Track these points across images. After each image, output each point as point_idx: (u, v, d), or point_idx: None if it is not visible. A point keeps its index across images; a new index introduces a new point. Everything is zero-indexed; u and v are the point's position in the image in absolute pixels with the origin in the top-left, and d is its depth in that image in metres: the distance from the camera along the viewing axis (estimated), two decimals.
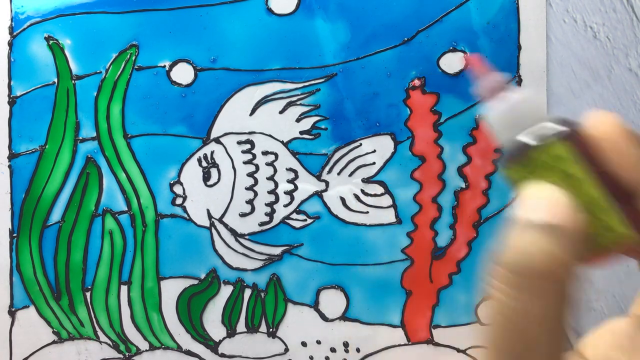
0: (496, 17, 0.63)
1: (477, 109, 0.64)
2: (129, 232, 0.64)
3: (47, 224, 0.63)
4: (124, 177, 0.63)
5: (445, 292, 0.65)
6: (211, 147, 0.63)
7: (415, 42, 0.63)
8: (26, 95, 0.63)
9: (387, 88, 0.64)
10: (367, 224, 0.64)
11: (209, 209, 0.64)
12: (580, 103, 0.65)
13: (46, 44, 0.63)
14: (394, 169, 0.64)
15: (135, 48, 0.63)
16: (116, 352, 0.65)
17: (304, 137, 0.64)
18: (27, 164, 0.63)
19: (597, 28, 0.65)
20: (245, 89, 0.63)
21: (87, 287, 0.64)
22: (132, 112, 0.63)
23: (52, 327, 0.64)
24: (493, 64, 0.61)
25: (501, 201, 0.64)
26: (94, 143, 0.63)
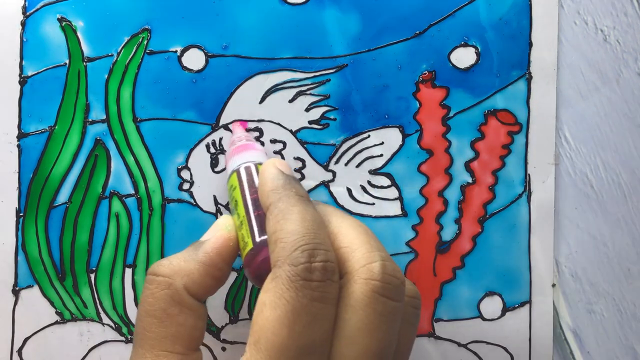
0: (508, 14, 0.64)
1: (486, 105, 0.64)
2: (135, 215, 0.64)
3: (54, 204, 0.64)
4: (132, 160, 0.63)
5: (448, 286, 0.65)
6: (220, 134, 0.63)
7: (427, 36, 0.64)
8: (37, 75, 0.63)
9: (397, 81, 0.64)
10: (373, 215, 0.65)
11: (215, 195, 0.64)
12: (587, 105, 0.65)
13: (59, 25, 0.63)
14: (402, 162, 0.64)
15: (148, 32, 0.63)
16: (118, 335, 0.65)
17: (313, 127, 0.64)
18: (36, 144, 0.63)
19: (607, 31, 0.65)
20: (255, 77, 0.63)
21: (92, 268, 0.64)
22: (143, 96, 0.63)
23: (55, 307, 0.64)
24: (504, 59, 0.61)
25: (507, 197, 0.65)
26: (103, 125, 0.63)
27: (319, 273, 0.44)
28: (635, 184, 0.65)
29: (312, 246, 0.45)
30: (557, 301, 0.65)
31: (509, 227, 0.65)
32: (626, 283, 0.66)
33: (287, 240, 0.45)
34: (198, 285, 0.50)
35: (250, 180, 0.54)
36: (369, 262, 0.46)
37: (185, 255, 0.51)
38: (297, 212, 0.47)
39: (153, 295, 0.49)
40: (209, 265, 0.51)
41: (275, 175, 0.52)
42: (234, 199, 0.54)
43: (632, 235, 0.66)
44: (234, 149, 0.59)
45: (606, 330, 0.66)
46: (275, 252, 0.45)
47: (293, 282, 0.43)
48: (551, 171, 0.65)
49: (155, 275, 0.50)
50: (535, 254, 0.65)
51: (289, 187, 0.51)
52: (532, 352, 0.65)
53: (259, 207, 0.51)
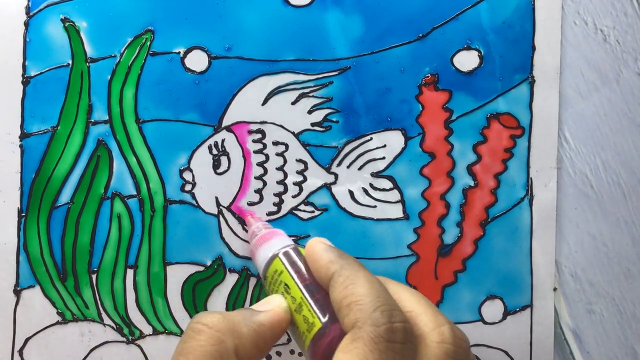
0: (511, 17, 0.64)
1: (488, 108, 0.64)
2: (137, 216, 0.64)
3: (56, 204, 0.64)
4: (134, 161, 0.63)
5: (449, 289, 0.65)
6: (222, 135, 0.63)
7: (430, 39, 0.64)
8: (40, 75, 0.63)
9: (400, 83, 0.64)
10: (375, 218, 0.65)
11: (217, 196, 0.64)
12: (587, 106, 0.65)
13: (62, 25, 0.63)
14: (404, 165, 0.64)
15: (151, 33, 0.63)
16: (119, 335, 0.65)
17: (315, 129, 0.64)
18: (39, 144, 0.63)
19: (607, 31, 0.65)
20: (258, 79, 0.63)
21: (94, 269, 0.64)
22: (145, 97, 0.63)
23: (56, 307, 0.64)
24: (507, 63, 0.61)
25: (509, 201, 0.65)
26: (105, 126, 0.63)
27: (400, 335, 0.43)
28: (635, 184, 0.65)
29: (390, 307, 0.44)
30: (557, 301, 0.66)
31: (510, 230, 0.65)
32: (626, 283, 0.66)
33: (364, 302, 0.45)
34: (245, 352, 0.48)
35: (294, 263, 0.54)
36: (438, 325, 0.46)
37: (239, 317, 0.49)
38: (364, 277, 0.47)
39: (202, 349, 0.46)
40: (259, 335, 0.49)
41: (326, 248, 0.51)
42: (282, 282, 0.53)
43: (632, 235, 0.66)
44: (261, 238, 0.59)
45: (606, 330, 0.66)
46: (351, 314, 0.45)
47: (377, 344, 0.42)
48: (553, 175, 0.65)
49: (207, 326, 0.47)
50: (536, 258, 0.65)
51: (345, 256, 0.50)
52: (533, 356, 0.65)
53: (314, 290, 0.51)
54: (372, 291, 0.45)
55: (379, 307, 0.44)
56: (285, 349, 0.65)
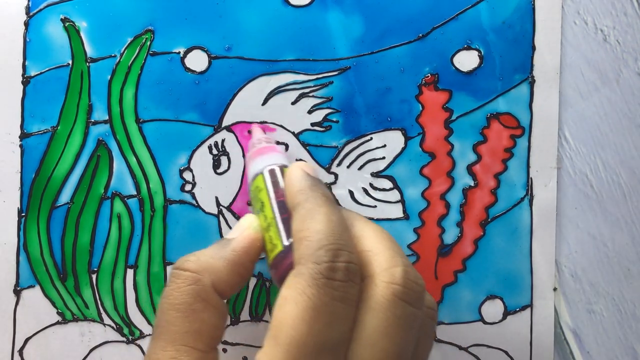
0: (511, 17, 0.64)
1: (488, 108, 0.64)
2: (137, 216, 0.64)
3: (56, 204, 0.64)
4: (134, 161, 0.63)
5: (449, 289, 0.65)
6: (222, 135, 0.63)
7: (430, 39, 0.64)
8: (40, 75, 0.63)
9: (400, 83, 0.64)
10: (375, 218, 0.65)
11: (217, 196, 0.64)
12: (587, 105, 0.65)
13: (62, 25, 0.63)
14: (404, 165, 0.64)
15: (151, 33, 0.63)
16: (119, 335, 0.65)
17: (315, 129, 0.64)
18: (39, 144, 0.63)
19: (607, 31, 0.65)
20: (258, 79, 0.63)
21: (94, 269, 0.64)
22: (145, 97, 0.63)
23: (56, 307, 0.64)
24: (507, 63, 0.61)
25: (509, 201, 0.65)
26: (105, 126, 0.63)
27: (341, 273, 0.44)
28: (635, 184, 0.65)
29: (337, 246, 0.45)
30: (557, 301, 0.66)
31: (510, 230, 0.65)
32: (626, 283, 0.66)
33: (312, 239, 0.46)
34: (224, 283, 0.50)
35: (275, 182, 0.54)
36: (391, 266, 0.46)
37: (212, 252, 0.51)
38: (323, 213, 0.48)
39: (179, 289, 0.48)
40: (236, 263, 0.51)
41: (302, 176, 0.52)
42: (260, 200, 0.54)
43: (632, 235, 0.66)
44: (256, 151, 0.59)
45: (606, 330, 0.66)
46: (300, 250, 0.46)
47: (315, 280, 0.43)
48: (553, 175, 0.65)
49: (183, 269, 0.49)
50: (536, 258, 0.65)
51: (315, 188, 0.51)
52: (533, 356, 0.65)
53: (284, 210, 0.52)
54: (326, 228, 0.46)
55: (325, 245, 0.45)
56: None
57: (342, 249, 0.45)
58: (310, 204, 0.49)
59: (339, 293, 0.44)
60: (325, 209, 0.48)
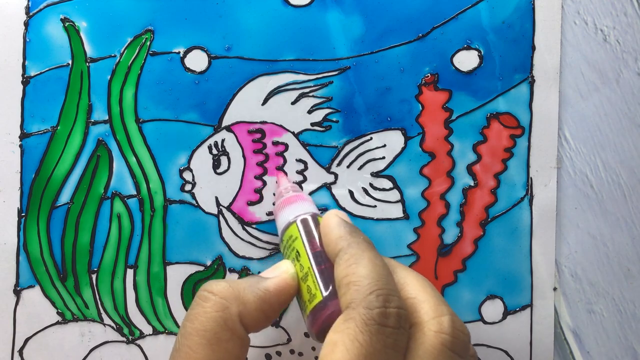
0: (511, 17, 0.64)
1: (488, 108, 0.64)
2: (137, 216, 0.64)
3: (55, 204, 0.64)
4: (134, 161, 0.63)
5: (449, 289, 0.65)
6: (222, 135, 0.63)
7: (430, 39, 0.64)
8: (40, 75, 0.63)
9: (400, 83, 0.64)
10: (375, 218, 0.65)
11: (217, 196, 0.64)
12: (587, 105, 0.65)
13: (62, 25, 0.63)
14: (404, 164, 0.64)
15: (151, 33, 0.63)
16: (119, 335, 0.65)
17: (315, 129, 0.64)
18: (39, 144, 0.63)
19: (607, 31, 0.65)
20: (258, 79, 0.63)
21: (94, 269, 0.64)
22: (145, 97, 0.63)
23: (56, 307, 0.64)
24: (506, 63, 0.61)
25: (509, 201, 0.65)
26: (105, 126, 0.63)
27: (393, 319, 0.43)
28: (635, 184, 0.65)
29: (387, 291, 0.44)
30: (557, 301, 0.66)
31: (510, 230, 0.65)
32: (626, 283, 0.66)
33: (362, 284, 0.45)
34: (250, 317, 0.49)
35: (309, 232, 0.54)
36: (439, 315, 0.46)
37: (245, 284, 0.50)
38: (368, 258, 0.47)
39: (206, 315, 0.48)
40: (266, 302, 0.50)
41: (339, 223, 0.52)
42: (294, 249, 0.54)
43: (632, 235, 0.66)
44: (285, 200, 0.59)
45: (606, 330, 0.66)
46: (349, 294, 0.45)
47: (368, 326, 0.43)
48: (553, 175, 0.65)
49: (212, 293, 0.49)
50: (536, 257, 0.65)
51: (355, 234, 0.50)
52: (533, 356, 0.65)
53: (322, 260, 0.52)
54: (373, 273, 0.45)
55: (375, 290, 0.44)
56: (285, 349, 0.65)
57: (392, 294, 0.45)
58: (354, 249, 0.48)
59: (391, 340, 0.43)
60: (369, 254, 0.48)
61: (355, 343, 0.42)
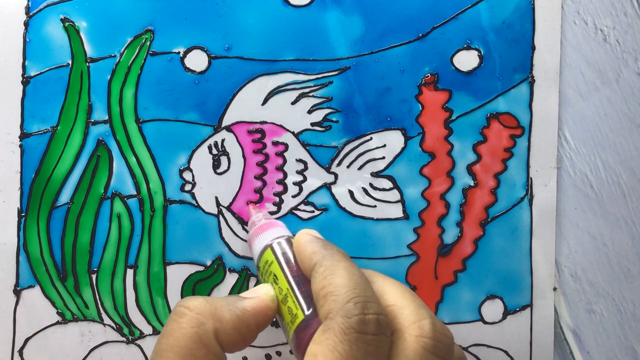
0: (511, 17, 0.64)
1: (488, 108, 0.64)
2: (137, 216, 0.64)
3: (55, 204, 0.64)
4: (134, 161, 0.63)
5: (449, 289, 0.65)
6: (222, 135, 0.63)
7: (430, 39, 0.64)
8: (40, 75, 0.63)
9: (400, 83, 0.64)
10: (375, 218, 0.65)
11: (217, 196, 0.64)
12: (587, 105, 0.65)
13: (62, 25, 0.63)
14: (404, 164, 0.64)
15: (151, 33, 0.63)
16: (119, 335, 0.65)
17: (315, 129, 0.64)
18: (39, 144, 0.63)
19: (607, 31, 0.65)
20: (258, 79, 0.63)
21: (93, 269, 0.64)
22: (145, 97, 0.63)
23: (56, 307, 0.64)
24: (506, 63, 0.61)
25: (509, 200, 0.65)
26: (105, 126, 0.63)
27: (373, 326, 0.43)
28: (635, 184, 0.65)
29: (364, 299, 0.44)
30: (557, 301, 0.66)
31: (510, 230, 0.65)
32: (626, 283, 0.66)
33: (339, 293, 0.45)
34: (226, 335, 0.48)
35: (285, 253, 0.54)
36: (419, 319, 0.45)
37: (222, 302, 0.50)
38: (344, 268, 0.47)
39: (181, 330, 0.47)
40: (242, 321, 0.49)
41: (311, 239, 0.52)
42: (271, 273, 0.54)
43: (632, 235, 0.66)
44: (258, 228, 0.59)
45: (606, 330, 0.66)
46: (326, 305, 0.45)
47: (347, 335, 0.42)
48: (553, 175, 0.65)
49: (188, 309, 0.48)
50: (536, 257, 0.65)
51: (328, 247, 0.50)
52: (532, 356, 0.65)
53: (301, 282, 0.51)
54: (349, 282, 0.45)
55: (353, 299, 0.44)
56: (285, 349, 0.65)
57: (370, 301, 0.44)
58: (328, 261, 0.48)
59: (372, 347, 0.43)
60: (345, 264, 0.48)
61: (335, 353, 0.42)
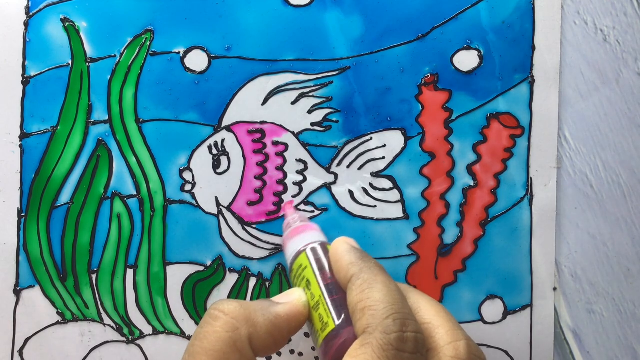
0: (511, 17, 0.64)
1: (488, 108, 0.64)
2: (137, 216, 0.64)
3: (55, 204, 0.64)
4: (134, 161, 0.63)
5: (449, 289, 0.65)
6: (222, 135, 0.63)
7: (430, 39, 0.64)
8: (40, 75, 0.63)
9: (400, 83, 0.64)
10: (375, 218, 0.64)
11: (217, 196, 0.64)
12: (587, 106, 0.65)
13: (62, 25, 0.63)
14: (404, 164, 0.64)
15: (151, 33, 0.63)
16: (119, 335, 0.65)
17: (315, 129, 0.64)
18: (39, 144, 0.63)
19: (607, 31, 0.65)
20: (258, 79, 0.63)
21: (93, 269, 0.64)
22: (145, 97, 0.63)
23: (56, 307, 0.64)
24: (506, 63, 0.61)
25: (509, 200, 0.65)
26: (105, 126, 0.63)
27: (411, 344, 0.43)
28: (635, 184, 0.65)
29: (404, 315, 0.44)
30: (557, 301, 0.66)
31: (510, 230, 0.65)
32: (626, 283, 0.66)
33: (378, 308, 0.45)
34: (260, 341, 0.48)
35: (319, 260, 0.54)
36: (454, 340, 0.45)
37: (256, 307, 0.49)
38: (382, 282, 0.47)
39: (216, 334, 0.46)
40: (276, 327, 0.49)
41: (349, 250, 0.51)
42: (305, 278, 0.54)
43: (632, 235, 0.66)
44: (293, 230, 0.59)
45: (606, 330, 0.66)
46: (364, 319, 0.45)
47: (385, 351, 0.42)
48: (553, 175, 0.65)
49: (223, 313, 0.48)
50: (536, 257, 0.65)
51: (366, 259, 0.50)
52: (533, 356, 0.65)
53: (333, 290, 0.51)
54: (388, 298, 0.45)
55: (392, 315, 0.44)
56: (285, 349, 0.65)
57: (409, 319, 0.44)
58: (366, 274, 0.48)
59: None
60: (382, 278, 0.48)
61: None
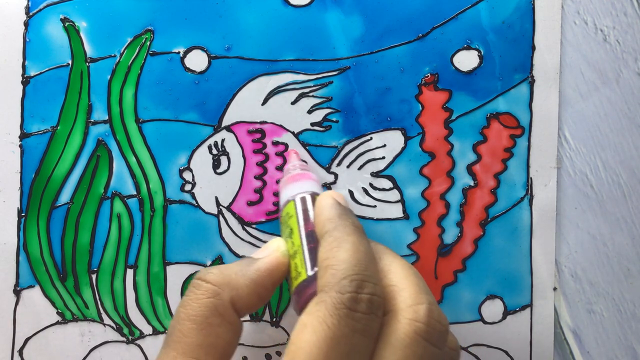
0: (511, 17, 0.64)
1: (488, 108, 0.64)
2: (137, 216, 0.64)
3: (55, 204, 0.64)
4: (134, 161, 0.63)
5: (449, 289, 0.65)
6: (222, 135, 0.63)
7: (430, 39, 0.64)
8: (40, 75, 0.63)
9: (400, 83, 0.64)
10: (375, 218, 0.64)
11: (217, 196, 0.64)
12: (587, 105, 0.65)
13: (62, 25, 0.63)
14: (404, 164, 0.64)
15: (151, 33, 0.63)
16: (119, 335, 0.65)
17: (315, 129, 0.64)
18: (38, 144, 0.63)
19: (607, 31, 0.65)
20: (258, 79, 0.63)
21: (93, 269, 0.64)
22: (145, 97, 0.63)
23: (56, 307, 0.64)
24: (506, 63, 0.61)
25: (509, 200, 0.65)
26: (105, 126, 0.63)
27: (364, 305, 0.44)
28: (635, 184, 0.65)
29: (362, 277, 0.45)
30: (557, 301, 0.66)
31: (510, 230, 0.65)
32: (626, 283, 0.66)
33: (338, 268, 0.45)
34: (243, 301, 0.50)
35: (305, 210, 0.54)
36: (416, 303, 0.45)
37: (236, 269, 0.51)
38: (351, 242, 0.47)
39: (198, 301, 0.49)
40: (258, 284, 0.51)
41: (331, 204, 0.52)
42: (289, 226, 0.54)
43: (631, 235, 0.66)
44: (290, 177, 0.59)
45: (606, 330, 0.66)
46: (324, 278, 0.46)
47: (337, 310, 0.43)
48: (553, 175, 0.65)
49: (204, 281, 0.50)
50: (536, 257, 0.65)
51: (344, 217, 0.51)
52: (532, 356, 0.65)
53: (312, 239, 0.52)
54: (352, 258, 0.46)
55: (350, 275, 0.44)
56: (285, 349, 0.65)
57: (367, 281, 0.45)
58: (339, 232, 0.49)
59: (360, 325, 0.43)
60: (353, 238, 0.48)
61: (323, 325, 0.42)
